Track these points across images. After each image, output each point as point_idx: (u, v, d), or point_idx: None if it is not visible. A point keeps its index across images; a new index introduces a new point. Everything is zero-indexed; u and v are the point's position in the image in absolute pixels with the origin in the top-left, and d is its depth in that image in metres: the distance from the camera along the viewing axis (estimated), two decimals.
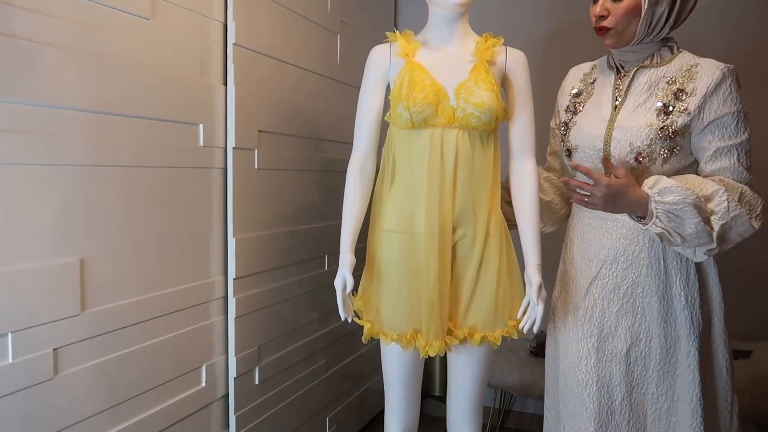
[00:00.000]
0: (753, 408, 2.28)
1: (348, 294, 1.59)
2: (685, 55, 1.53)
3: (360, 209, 1.63)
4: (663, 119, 1.46)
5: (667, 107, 1.47)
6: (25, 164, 1.25)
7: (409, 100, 1.50)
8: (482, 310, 1.56)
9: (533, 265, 1.54)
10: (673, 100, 1.47)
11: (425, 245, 1.54)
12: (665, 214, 1.37)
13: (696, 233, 1.37)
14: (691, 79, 1.47)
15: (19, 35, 1.22)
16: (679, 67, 1.50)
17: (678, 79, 1.48)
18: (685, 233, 1.38)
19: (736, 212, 1.38)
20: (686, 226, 1.37)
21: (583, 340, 1.59)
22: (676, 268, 1.54)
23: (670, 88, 1.48)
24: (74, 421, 1.38)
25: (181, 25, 1.63)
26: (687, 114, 1.45)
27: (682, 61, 1.51)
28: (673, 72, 1.50)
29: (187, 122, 1.67)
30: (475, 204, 1.55)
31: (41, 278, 1.29)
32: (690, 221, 1.36)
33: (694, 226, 1.36)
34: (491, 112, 1.50)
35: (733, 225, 1.39)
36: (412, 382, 1.67)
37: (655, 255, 1.54)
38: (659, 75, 1.51)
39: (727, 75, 1.45)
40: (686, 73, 1.48)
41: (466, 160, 1.53)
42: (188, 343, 1.70)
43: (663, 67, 1.52)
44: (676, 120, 1.45)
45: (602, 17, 1.50)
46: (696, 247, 1.43)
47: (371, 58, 1.63)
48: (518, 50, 1.62)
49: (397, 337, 1.57)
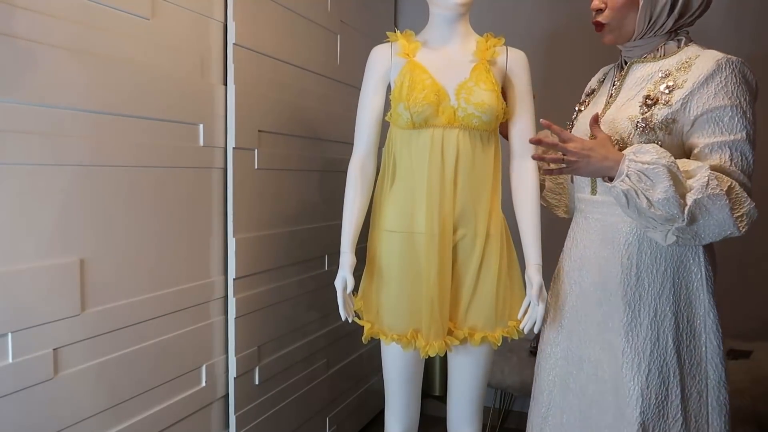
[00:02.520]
0: (753, 408, 2.28)
1: (348, 294, 1.59)
2: (691, 48, 1.40)
3: (360, 209, 1.64)
4: (644, 111, 1.35)
5: (652, 99, 1.35)
6: (25, 164, 1.25)
7: (409, 101, 1.50)
8: (483, 311, 1.56)
9: (533, 265, 1.54)
10: (660, 92, 1.35)
11: (425, 245, 1.54)
12: (636, 173, 1.26)
13: (665, 200, 1.23)
14: (685, 72, 1.35)
15: (19, 35, 1.22)
16: (678, 59, 1.38)
17: (673, 72, 1.37)
18: (654, 198, 1.24)
19: (716, 191, 1.23)
20: (657, 190, 1.24)
21: (555, 342, 1.57)
22: (650, 277, 1.41)
23: (663, 81, 1.36)
24: (74, 421, 1.38)
25: (181, 25, 1.63)
26: (668, 106, 1.33)
27: (685, 54, 1.39)
28: (670, 65, 1.39)
29: (187, 122, 1.67)
30: (476, 204, 1.55)
31: (41, 278, 1.29)
32: (661, 185, 1.23)
33: (665, 191, 1.23)
34: (492, 112, 1.51)
35: (709, 207, 1.24)
36: (413, 381, 1.67)
37: (628, 259, 1.42)
38: (655, 68, 1.40)
39: (723, 66, 1.30)
40: (682, 66, 1.36)
41: (466, 160, 1.53)
42: (188, 343, 1.70)
43: (662, 61, 1.41)
44: (657, 113, 1.34)
45: (599, 11, 1.43)
46: (664, 221, 1.28)
47: (372, 58, 1.64)
48: (519, 50, 1.63)
49: (397, 337, 1.57)
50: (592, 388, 1.49)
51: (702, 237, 1.30)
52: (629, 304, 1.42)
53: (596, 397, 1.48)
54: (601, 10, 1.43)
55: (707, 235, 1.30)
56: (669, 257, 1.41)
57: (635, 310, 1.43)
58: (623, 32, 1.43)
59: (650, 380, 1.41)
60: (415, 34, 1.64)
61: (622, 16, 1.41)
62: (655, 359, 1.41)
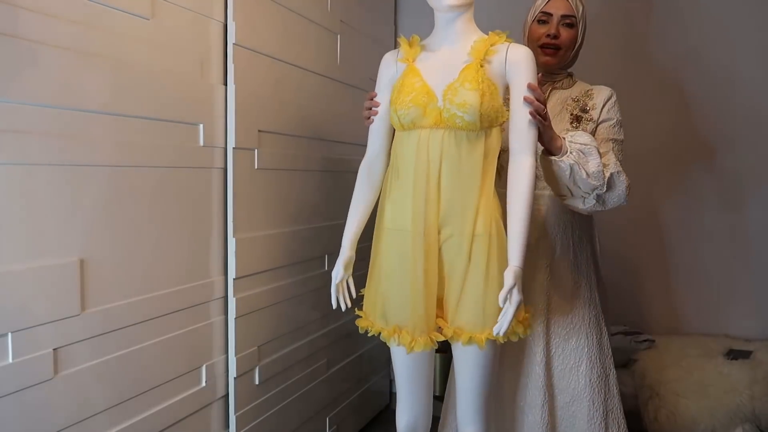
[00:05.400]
0: (753, 408, 2.28)
1: (341, 284, 1.71)
2: (581, 83, 1.94)
3: (364, 208, 1.72)
4: (576, 126, 1.85)
5: (578, 117, 1.86)
6: (25, 164, 1.25)
7: (396, 103, 1.57)
8: (470, 311, 1.55)
9: (511, 266, 1.49)
10: (581, 112, 1.87)
11: (410, 243, 1.56)
12: (577, 151, 1.62)
13: (597, 172, 1.63)
14: (590, 98, 1.88)
15: (19, 35, 1.22)
16: (579, 90, 1.91)
17: (581, 98, 1.89)
18: (589, 170, 1.63)
19: (620, 169, 1.70)
20: (590, 164, 1.63)
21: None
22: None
23: (576, 104, 1.88)
24: (74, 421, 1.38)
25: (181, 25, 1.63)
26: (593, 122, 1.86)
27: (581, 87, 1.92)
28: (576, 93, 1.90)
29: (187, 122, 1.67)
30: (463, 204, 1.54)
31: (41, 278, 1.29)
32: (594, 160, 1.63)
33: (597, 165, 1.63)
34: (474, 112, 1.49)
35: (617, 180, 1.68)
36: (419, 376, 1.68)
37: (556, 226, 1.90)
38: (566, 95, 1.91)
39: (613, 94, 1.89)
40: (585, 94, 1.89)
41: (451, 160, 1.53)
42: (188, 343, 1.70)
43: (568, 90, 1.92)
44: (586, 127, 1.84)
45: (555, 37, 1.83)
46: (591, 189, 1.65)
47: (381, 64, 1.72)
48: (522, 47, 1.58)
49: (382, 330, 1.61)
50: None
51: (606, 204, 1.71)
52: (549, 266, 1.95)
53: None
54: (557, 37, 1.84)
55: (610, 203, 1.71)
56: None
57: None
58: (562, 59, 1.88)
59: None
60: (423, 37, 1.65)
61: (567, 48, 1.87)
62: None
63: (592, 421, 1.84)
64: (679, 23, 2.72)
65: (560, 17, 1.84)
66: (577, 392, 1.86)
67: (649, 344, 2.60)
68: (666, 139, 2.75)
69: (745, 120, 2.66)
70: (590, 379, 1.86)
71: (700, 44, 2.69)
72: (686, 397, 2.34)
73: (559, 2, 1.85)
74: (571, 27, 1.84)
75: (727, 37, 2.66)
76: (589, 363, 1.86)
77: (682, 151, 2.75)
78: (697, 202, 2.75)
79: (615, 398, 1.91)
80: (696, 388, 2.35)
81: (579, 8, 1.85)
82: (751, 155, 2.67)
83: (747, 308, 2.70)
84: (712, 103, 2.70)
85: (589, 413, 1.85)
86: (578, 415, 1.85)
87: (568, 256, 1.90)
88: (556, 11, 1.84)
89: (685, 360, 2.47)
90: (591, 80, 1.97)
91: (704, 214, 2.74)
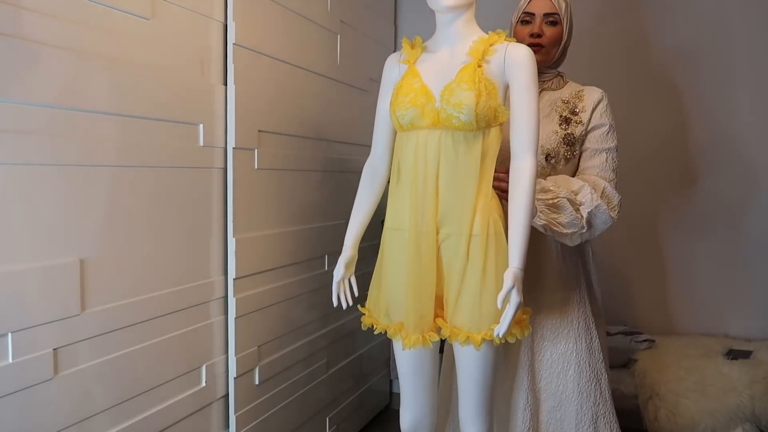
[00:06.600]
0: (753, 408, 2.28)
1: (342, 282, 1.71)
2: (572, 84, 1.92)
3: (367, 208, 1.74)
4: (564, 128, 1.83)
5: (567, 119, 1.84)
6: (25, 164, 1.25)
7: (395, 105, 1.58)
8: (467, 311, 1.55)
9: (510, 268, 1.48)
10: (570, 114, 1.85)
11: (408, 242, 1.57)
12: (546, 208, 1.68)
13: (571, 222, 1.69)
14: (580, 100, 1.86)
15: (19, 35, 1.22)
16: (570, 91, 1.89)
17: (571, 100, 1.87)
18: (564, 222, 1.69)
19: (597, 202, 1.71)
20: (562, 216, 1.69)
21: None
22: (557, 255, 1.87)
23: (566, 106, 1.86)
24: (74, 421, 1.38)
25: (181, 25, 1.63)
26: (582, 125, 1.84)
27: (572, 88, 1.90)
28: (566, 95, 1.88)
29: (187, 122, 1.67)
30: (460, 204, 1.54)
31: (41, 278, 1.29)
32: (566, 211, 1.68)
33: (569, 216, 1.68)
34: (470, 112, 1.49)
35: (596, 213, 1.71)
36: (420, 374, 1.68)
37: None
38: (556, 96, 1.89)
39: (604, 96, 1.87)
40: (576, 96, 1.87)
41: (448, 161, 1.53)
42: (188, 343, 1.70)
43: (558, 91, 1.90)
44: (575, 130, 1.83)
45: (539, 36, 1.82)
46: (572, 233, 1.71)
47: (384, 67, 1.72)
48: (522, 46, 1.57)
49: (387, 328, 1.62)
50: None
51: (594, 232, 1.75)
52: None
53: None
54: (540, 36, 1.82)
55: (598, 230, 1.75)
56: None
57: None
58: (547, 58, 1.86)
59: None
60: (423, 39, 1.66)
61: (551, 46, 1.85)
62: None
63: (580, 425, 1.82)
64: (679, 23, 2.72)
65: (543, 16, 1.83)
66: (564, 397, 1.84)
67: (649, 344, 2.60)
68: (665, 139, 2.76)
69: (745, 120, 2.67)
70: (578, 384, 1.83)
71: (701, 44, 2.69)
72: (686, 397, 2.34)
73: (540, 2, 1.84)
74: (554, 25, 1.84)
75: (727, 37, 2.66)
76: (577, 368, 1.83)
77: (683, 151, 2.76)
78: (695, 201, 2.75)
79: (607, 403, 1.86)
80: (696, 388, 2.35)
81: (562, 6, 1.84)
82: (750, 155, 2.67)
83: (747, 308, 2.70)
84: (710, 105, 2.71)
85: (577, 418, 1.82)
86: (565, 420, 1.83)
87: (557, 260, 1.87)
88: (539, 11, 1.84)
89: (685, 360, 2.47)
90: (591, 81, 1.94)
91: (703, 213, 2.74)
